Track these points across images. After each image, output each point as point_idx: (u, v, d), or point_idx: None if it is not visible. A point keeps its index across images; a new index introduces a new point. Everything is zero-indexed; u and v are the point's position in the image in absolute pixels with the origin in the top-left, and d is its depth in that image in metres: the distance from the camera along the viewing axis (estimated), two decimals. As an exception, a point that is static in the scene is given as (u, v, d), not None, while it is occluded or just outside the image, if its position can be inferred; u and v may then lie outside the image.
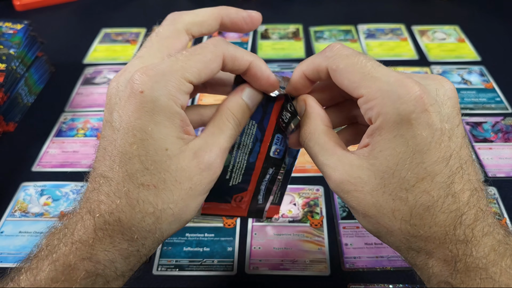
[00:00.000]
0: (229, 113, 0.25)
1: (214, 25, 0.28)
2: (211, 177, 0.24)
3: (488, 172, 0.50)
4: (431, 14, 0.81)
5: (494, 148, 0.53)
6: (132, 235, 0.22)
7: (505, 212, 0.46)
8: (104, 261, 0.22)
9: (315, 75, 0.26)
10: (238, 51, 0.25)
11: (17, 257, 0.43)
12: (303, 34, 0.76)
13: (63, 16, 0.84)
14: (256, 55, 0.25)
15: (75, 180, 0.51)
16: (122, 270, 0.23)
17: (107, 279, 0.22)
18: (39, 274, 0.22)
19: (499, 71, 0.66)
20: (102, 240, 0.22)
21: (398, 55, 0.70)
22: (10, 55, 0.58)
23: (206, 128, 0.26)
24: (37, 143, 0.56)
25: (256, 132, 0.28)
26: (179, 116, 0.23)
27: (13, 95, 0.58)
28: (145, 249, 0.23)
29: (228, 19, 0.28)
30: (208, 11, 0.28)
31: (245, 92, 0.26)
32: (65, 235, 0.23)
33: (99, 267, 0.22)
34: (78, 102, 0.63)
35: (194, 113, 0.27)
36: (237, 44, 0.26)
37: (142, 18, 0.82)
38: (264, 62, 0.26)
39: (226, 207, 0.30)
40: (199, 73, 0.23)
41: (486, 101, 0.61)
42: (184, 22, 0.27)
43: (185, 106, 0.24)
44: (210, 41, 0.24)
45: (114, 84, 0.25)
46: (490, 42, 0.73)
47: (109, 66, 0.70)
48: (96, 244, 0.22)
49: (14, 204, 0.48)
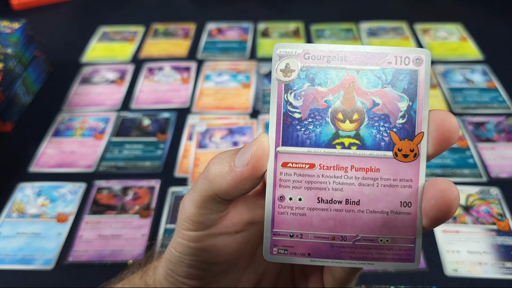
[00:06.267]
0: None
1: None
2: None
3: (491, 173, 0.50)
4: (434, 12, 0.80)
5: (497, 148, 0.53)
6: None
7: (508, 212, 0.46)
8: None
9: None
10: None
11: (14, 259, 0.43)
12: (304, 32, 0.76)
13: (61, 15, 0.83)
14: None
15: (73, 180, 0.50)
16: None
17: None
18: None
19: (502, 70, 0.65)
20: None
21: (399, 53, 0.70)
22: (7, 54, 0.57)
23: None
24: (35, 143, 0.55)
25: None
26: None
27: (10, 95, 0.58)
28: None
29: None
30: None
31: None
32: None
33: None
34: (76, 101, 0.62)
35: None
36: (236, 43, 0.25)
37: (140, 16, 0.81)
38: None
39: None
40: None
41: (489, 100, 0.60)
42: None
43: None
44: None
45: None
46: (493, 41, 0.72)
47: (107, 65, 0.69)
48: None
49: (12, 205, 0.48)
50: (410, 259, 0.21)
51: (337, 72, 0.21)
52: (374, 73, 0.21)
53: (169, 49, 0.72)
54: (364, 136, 0.21)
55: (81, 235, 0.45)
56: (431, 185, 0.20)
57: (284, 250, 0.21)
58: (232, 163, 0.21)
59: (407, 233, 0.21)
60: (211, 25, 0.78)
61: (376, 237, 0.21)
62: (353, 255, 0.21)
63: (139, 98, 0.62)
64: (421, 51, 0.21)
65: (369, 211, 0.21)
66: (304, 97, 0.21)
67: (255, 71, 0.66)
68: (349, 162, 0.21)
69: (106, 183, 0.50)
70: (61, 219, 0.46)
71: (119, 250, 0.43)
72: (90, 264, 0.42)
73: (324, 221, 0.21)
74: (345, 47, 0.21)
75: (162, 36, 0.76)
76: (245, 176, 0.20)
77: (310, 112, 0.21)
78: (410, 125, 0.20)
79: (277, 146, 0.21)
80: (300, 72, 0.21)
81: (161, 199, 0.48)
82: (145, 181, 0.50)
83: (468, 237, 0.44)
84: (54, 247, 0.44)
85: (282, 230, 0.21)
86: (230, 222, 0.23)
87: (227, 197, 0.21)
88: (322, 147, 0.21)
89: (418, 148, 0.20)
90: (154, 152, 0.54)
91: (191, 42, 0.74)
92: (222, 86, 0.64)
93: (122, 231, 0.45)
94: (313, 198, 0.21)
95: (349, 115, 0.21)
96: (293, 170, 0.21)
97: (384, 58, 0.21)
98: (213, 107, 0.60)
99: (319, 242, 0.21)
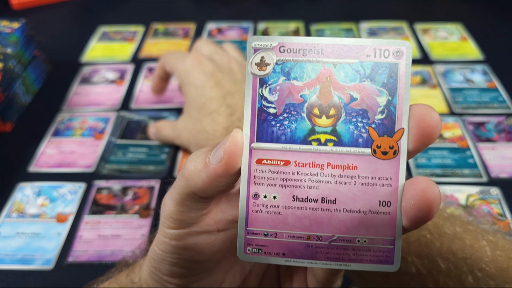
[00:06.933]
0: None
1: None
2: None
3: (491, 173, 0.50)
4: (434, 12, 0.80)
5: (497, 148, 0.53)
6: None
7: (508, 212, 0.46)
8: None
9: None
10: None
11: (14, 259, 0.43)
12: (304, 32, 0.76)
13: (61, 14, 0.83)
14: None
15: (73, 180, 0.50)
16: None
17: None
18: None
19: (502, 70, 0.65)
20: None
21: (399, 53, 0.70)
22: (7, 54, 0.57)
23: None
24: (34, 143, 0.55)
25: None
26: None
27: (10, 95, 0.58)
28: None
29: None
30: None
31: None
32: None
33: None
34: (76, 101, 0.62)
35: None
36: (237, 43, 0.25)
37: (140, 16, 0.81)
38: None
39: None
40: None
41: (489, 100, 0.60)
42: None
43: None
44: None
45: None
46: (493, 41, 0.72)
47: (107, 65, 0.69)
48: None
49: (11, 205, 0.48)
50: (389, 261, 0.20)
51: (313, 66, 0.20)
52: (352, 67, 0.20)
53: (169, 49, 0.72)
54: (341, 132, 0.20)
55: (81, 235, 0.45)
56: (411, 184, 0.19)
57: (258, 249, 0.21)
58: (207, 159, 0.20)
59: (386, 234, 0.20)
60: (211, 25, 0.78)
61: (353, 237, 0.20)
62: (329, 256, 0.20)
63: (139, 98, 0.62)
64: (401, 43, 0.20)
65: (346, 210, 0.20)
66: (279, 92, 0.20)
67: (255, 71, 0.66)
68: (325, 159, 0.20)
69: (105, 183, 0.50)
70: (61, 219, 0.46)
71: (119, 250, 0.43)
72: (90, 264, 0.42)
73: (299, 220, 0.20)
74: (322, 39, 0.20)
75: (162, 36, 0.76)
76: (219, 173, 0.20)
77: (285, 107, 0.20)
78: (390, 121, 0.20)
79: (251, 142, 0.20)
80: (275, 65, 0.20)
81: (161, 199, 0.48)
82: (144, 181, 0.50)
83: (468, 237, 0.44)
84: (54, 247, 0.44)
85: (256, 229, 0.20)
86: (212, 221, 0.23)
87: (204, 195, 0.21)
88: (297, 144, 0.20)
89: (398, 145, 0.20)
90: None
91: (191, 42, 0.74)
92: (222, 86, 0.64)
93: (122, 231, 0.45)
94: (288, 196, 0.20)
95: (325, 110, 0.20)
96: (267, 167, 0.20)
97: (363, 50, 0.20)
98: (213, 107, 0.60)
99: (294, 241, 0.20)
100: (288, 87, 0.20)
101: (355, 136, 0.20)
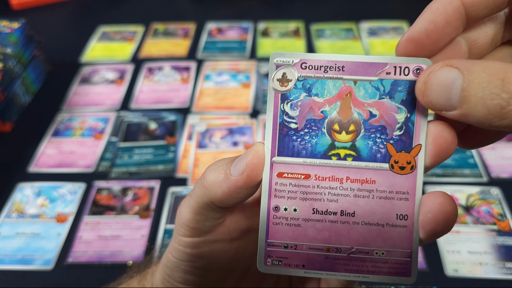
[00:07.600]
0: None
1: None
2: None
3: (491, 173, 0.50)
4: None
5: (498, 149, 0.53)
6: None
7: (508, 212, 0.46)
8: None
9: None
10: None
11: (14, 259, 0.43)
12: (304, 32, 0.75)
13: (60, 14, 0.83)
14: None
15: (72, 180, 0.50)
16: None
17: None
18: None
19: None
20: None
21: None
22: (7, 54, 0.57)
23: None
24: (34, 143, 0.55)
25: None
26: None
27: (10, 95, 0.58)
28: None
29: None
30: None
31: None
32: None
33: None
34: (75, 101, 0.62)
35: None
36: (236, 43, 0.25)
37: (140, 16, 0.81)
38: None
39: None
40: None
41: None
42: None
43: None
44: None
45: None
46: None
47: (107, 65, 0.69)
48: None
49: (11, 205, 0.48)
50: (406, 273, 0.20)
51: (334, 83, 0.20)
52: (372, 84, 0.20)
53: (169, 49, 0.72)
54: (360, 147, 0.20)
55: (80, 236, 0.45)
56: (428, 198, 0.19)
57: (278, 261, 0.21)
58: (228, 171, 0.20)
59: (403, 246, 0.20)
60: (211, 25, 0.78)
61: (371, 249, 0.20)
62: (347, 268, 0.21)
63: (138, 98, 0.62)
64: (421, 61, 0.20)
65: (364, 223, 0.20)
66: (300, 107, 0.21)
67: (255, 71, 0.66)
68: (345, 173, 0.20)
69: (105, 183, 0.50)
70: (61, 220, 0.46)
71: (118, 251, 0.43)
72: (90, 265, 0.42)
73: (319, 232, 0.21)
74: (343, 57, 0.20)
75: (161, 36, 0.76)
76: (239, 185, 0.20)
77: (306, 123, 0.21)
78: (407, 137, 0.20)
79: (273, 156, 0.21)
80: (297, 82, 0.21)
81: (161, 200, 0.48)
82: (144, 182, 0.50)
83: (469, 237, 0.44)
84: (54, 247, 0.44)
85: (277, 241, 0.21)
86: (226, 229, 0.23)
87: (223, 205, 0.21)
88: (317, 158, 0.20)
89: (415, 161, 0.20)
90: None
91: (191, 42, 0.74)
92: (222, 86, 0.64)
93: (121, 231, 0.45)
94: (308, 209, 0.20)
95: (345, 126, 0.20)
96: (288, 181, 0.21)
97: (383, 68, 0.20)
98: (213, 107, 0.60)
99: (314, 253, 0.21)
100: (309, 103, 0.21)
101: (374, 151, 0.20)
